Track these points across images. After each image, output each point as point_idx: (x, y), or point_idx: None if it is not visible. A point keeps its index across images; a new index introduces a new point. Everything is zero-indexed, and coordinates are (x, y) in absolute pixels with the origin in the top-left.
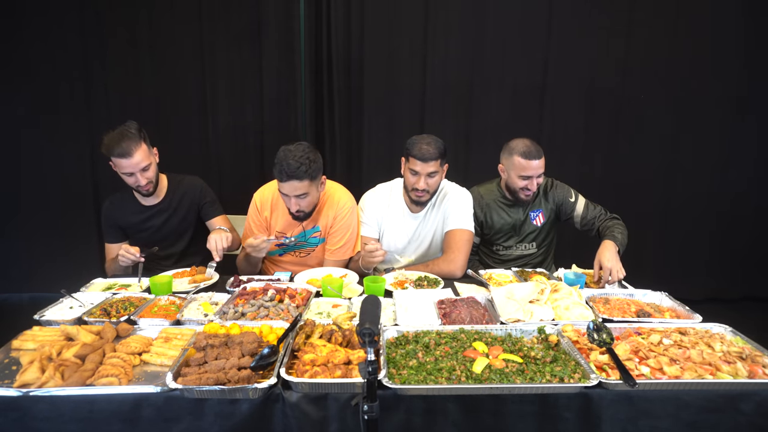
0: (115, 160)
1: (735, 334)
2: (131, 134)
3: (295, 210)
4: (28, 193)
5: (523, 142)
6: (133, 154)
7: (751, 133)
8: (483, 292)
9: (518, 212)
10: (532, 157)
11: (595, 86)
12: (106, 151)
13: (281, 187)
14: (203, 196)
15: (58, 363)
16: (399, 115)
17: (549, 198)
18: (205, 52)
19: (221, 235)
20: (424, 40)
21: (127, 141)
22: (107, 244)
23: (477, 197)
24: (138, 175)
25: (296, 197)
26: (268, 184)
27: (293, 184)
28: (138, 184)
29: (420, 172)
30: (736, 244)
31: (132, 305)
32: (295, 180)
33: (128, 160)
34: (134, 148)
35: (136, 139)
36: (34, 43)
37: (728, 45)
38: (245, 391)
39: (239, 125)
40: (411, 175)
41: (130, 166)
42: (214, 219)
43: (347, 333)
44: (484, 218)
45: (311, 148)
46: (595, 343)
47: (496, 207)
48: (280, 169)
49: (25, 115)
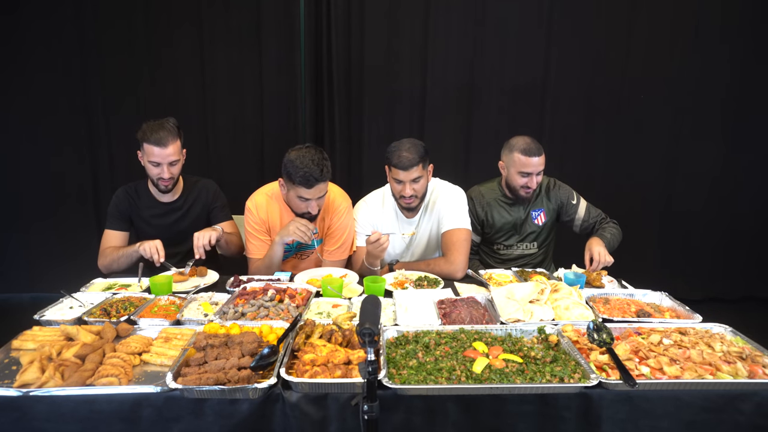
0: (147, 147)
1: (735, 334)
2: (170, 127)
3: (315, 212)
4: (28, 194)
5: (523, 140)
6: (167, 145)
7: (751, 132)
8: (483, 292)
9: (519, 211)
10: (531, 154)
11: (595, 86)
12: (141, 137)
13: (304, 193)
14: (215, 199)
15: (58, 363)
16: (399, 115)
17: (551, 197)
18: (205, 52)
19: (206, 232)
20: (424, 40)
21: (164, 131)
22: (108, 231)
23: (478, 196)
24: (164, 167)
25: (317, 200)
26: (258, 191)
27: (320, 187)
28: (161, 177)
29: (404, 180)
30: (736, 244)
31: (132, 305)
32: (321, 183)
33: (161, 149)
34: (170, 140)
35: (174, 133)
36: (32, 42)
37: (728, 45)
38: (245, 391)
39: (239, 125)
40: (396, 184)
41: (161, 155)
42: (223, 224)
43: (347, 333)
44: (485, 217)
45: (319, 149)
46: (595, 343)
47: (496, 205)
48: (304, 175)
49: (24, 116)
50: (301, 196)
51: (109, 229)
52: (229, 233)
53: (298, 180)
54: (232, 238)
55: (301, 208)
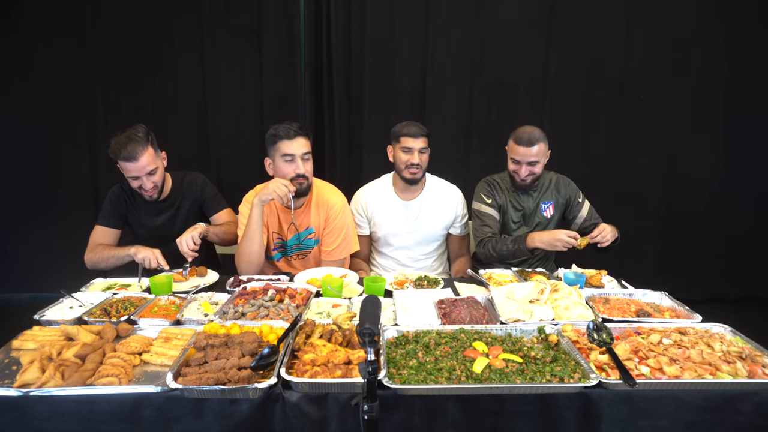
0: (122, 164)
1: (735, 334)
2: (138, 138)
3: (304, 172)
4: (28, 194)
5: (523, 129)
6: (138, 158)
7: (752, 132)
8: (483, 292)
9: (529, 201)
10: (522, 143)
11: (596, 86)
12: (112, 155)
13: (287, 147)
14: (204, 191)
15: (58, 363)
16: (399, 115)
17: (561, 191)
18: (205, 52)
19: (186, 235)
20: (424, 40)
21: (133, 144)
22: (99, 226)
23: (494, 184)
24: (144, 179)
25: (303, 158)
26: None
27: (301, 141)
28: (143, 188)
29: (413, 147)
30: (736, 244)
31: (132, 305)
32: (301, 137)
33: (134, 163)
34: (140, 151)
35: (143, 143)
36: (32, 43)
37: (728, 44)
38: (245, 391)
39: (239, 125)
40: (404, 153)
41: (135, 169)
42: (218, 214)
43: (347, 333)
44: (503, 202)
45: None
46: (595, 343)
47: (509, 194)
48: (285, 128)
49: (24, 115)
50: (286, 152)
51: (100, 225)
52: (225, 223)
53: (281, 134)
54: (226, 227)
55: (289, 172)
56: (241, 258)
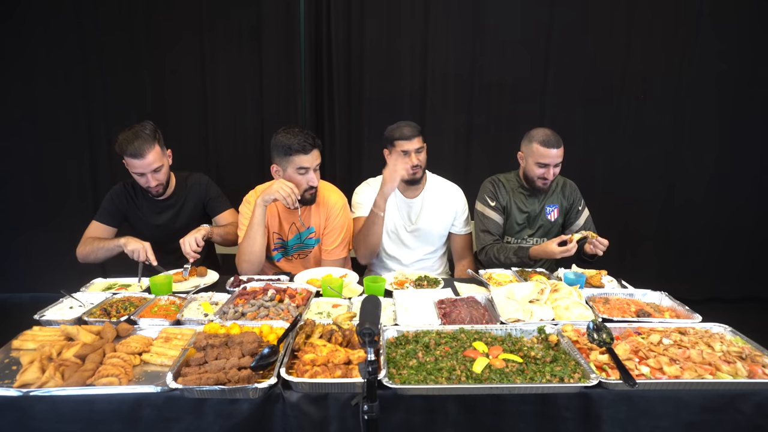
0: (128, 160)
1: (735, 334)
2: (145, 135)
3: (316, 183)
4: (28, 194)
5: (543, 131)
6: (145, 155)
7: (752, 132)
8: (483, 292)
9: (534, 204)
10: (550, 145)
11: (596, 86)
12: (119, 150)
13: (303, 161)
14: (208, 192)
15: (58, 363)
16: (399, 114)
17: (566, 196)
18: (205, 51)
19: (191, 236)
20: (424, 39)
21: (140, 141)
22: (96, 222)
23: (499, 184)
24: (149, 176)
25: (315, 169)
26: (258, 187)
27: (316, 153)
28: (148, 185)
29: (410, 149)
30: (736, 244)
31: (132, 305)
32: (316, 149)
33: (140, 160)
34: (147, 148)
35: (150, 140)
36: (34, 44)
37: (729, 44)
38: (245, 391)
39: (239, 125)
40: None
41: (141, 166)
42: (222, 214)
43: (347, 333)
44: (506, 204)
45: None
46: (595, 343)
47: (514, 196)
48: (300, 142)
49: (24, 116)
50: (301, 165)
51: (97, 221)
52: (228, 223)
53: (296, 148)
54: (229, 228)
55: (302, 184)
56: (241, 258)
